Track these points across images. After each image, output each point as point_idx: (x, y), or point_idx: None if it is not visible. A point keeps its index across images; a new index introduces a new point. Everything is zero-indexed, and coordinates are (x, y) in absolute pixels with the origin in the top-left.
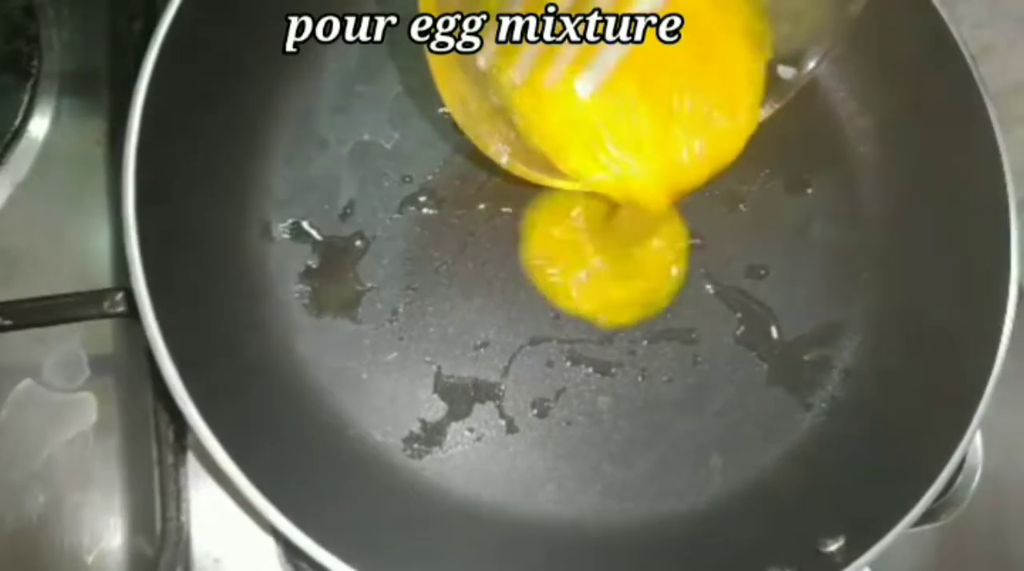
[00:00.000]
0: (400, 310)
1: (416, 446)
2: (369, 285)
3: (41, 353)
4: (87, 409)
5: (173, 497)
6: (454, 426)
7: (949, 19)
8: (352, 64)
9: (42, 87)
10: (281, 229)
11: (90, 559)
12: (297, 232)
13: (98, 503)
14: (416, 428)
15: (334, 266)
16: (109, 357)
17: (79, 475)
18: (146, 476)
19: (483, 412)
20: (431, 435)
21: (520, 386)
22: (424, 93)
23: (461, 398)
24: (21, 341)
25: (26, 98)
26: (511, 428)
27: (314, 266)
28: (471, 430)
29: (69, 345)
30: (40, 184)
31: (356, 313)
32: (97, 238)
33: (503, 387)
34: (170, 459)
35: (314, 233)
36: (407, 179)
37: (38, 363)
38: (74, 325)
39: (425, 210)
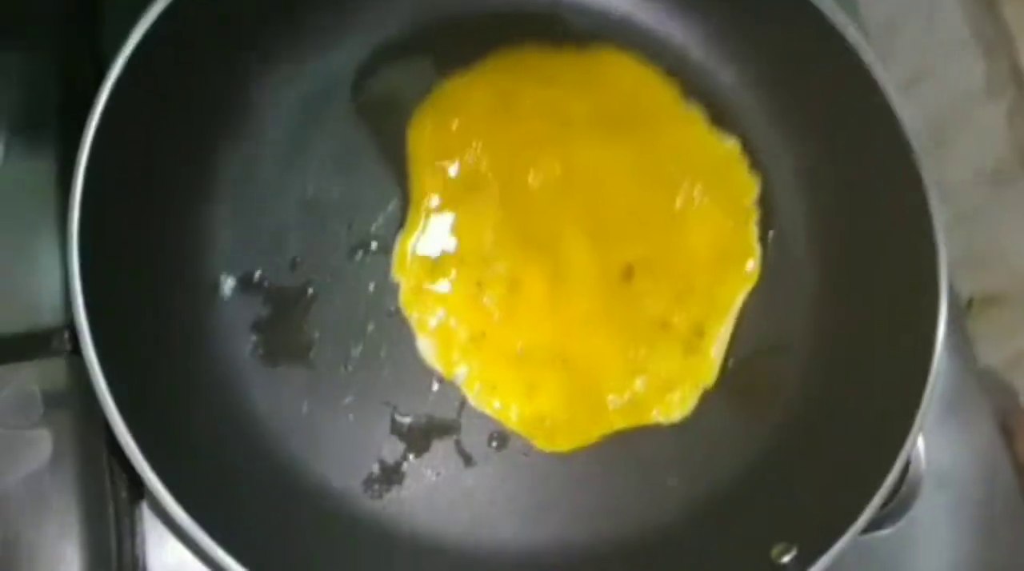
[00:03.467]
0: (353, 354)
1: (376, 487)
2: (321, 332)
3: None
4: (42, 446)
5: (128, 531)
6: (413, 464)
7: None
8: (296, 115)
9: None
10: (230, 282)
11: None
12: (246, 284)
13: (54, 539)
14: (375, 469)
15: (285, 315)
16: (63, 393)
17: (35, 512)
18: (102, 511)
19: (441, 448)
20: (390, 475)
21: (476, 420)
22: (369, 144)
23: (418, 436)
24: None
25: None
26: (469, 462)
27: (265, 316)
28: (430, 467)
29: (22, 382)
30: None
31: (310, 359)
32: (48, 276)
33: (460, 422)
34: (124, 493)
35: (264, 284)
36: (353, 227)
37: None
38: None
39: (373, 257)
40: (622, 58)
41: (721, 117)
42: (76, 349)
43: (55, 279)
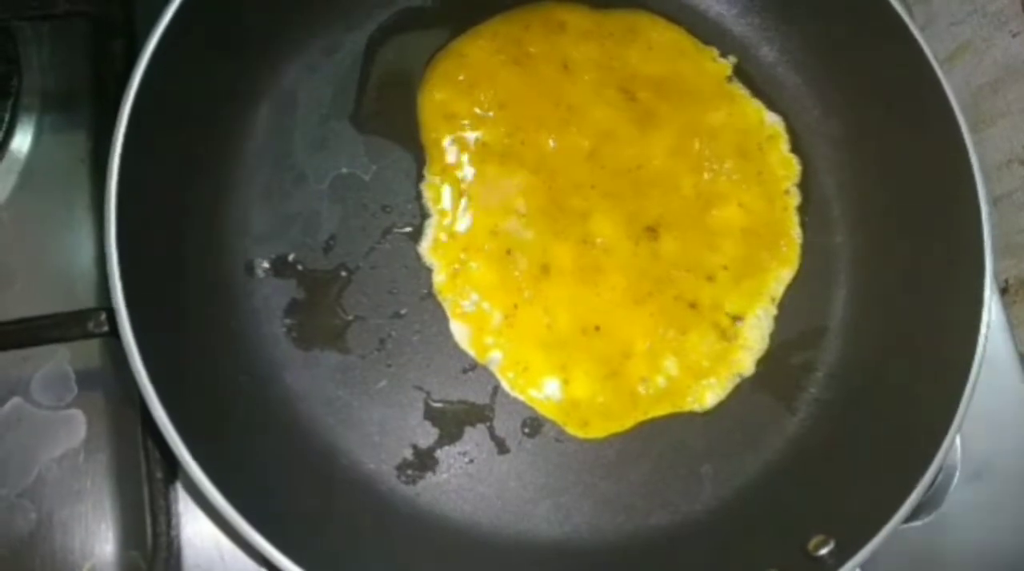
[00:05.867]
0: (387, 338)
1: (409, 472)
2: (355, 315)
3: (28, 371)
4: (76, 426)
5: (163, 511)
6: (446, 450)
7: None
8: (327, 98)
9: (23, 105)
10: (264, 265)
11: None
12: (281, 267)
13: (89, 519)
14: (408, 454)
15: (319, 298)
16: (97, 373)
17: (70, 492)
18: (136, 491)
19: (474, 435)
20: (424, 460)
21: (509, 406)
22: (398, 123)
23: (451, 422)
24: (7, 360)
25: (6, 117)
26: (502, 448)
27: (299, 299)
28: (463, 453)
29: (56, 363)
30: (24, 202)
31: (343, 343)
32: (82, 255)
33: (493, 408)
34: (159, 474)
35: (298, 267)
36: (387, 209)
37: (25, 381)
38: (60, 343)
39: (406, 239)
40: (658, 23)
41: (762, 93)
42: (112, 330)
43: (89, 259)
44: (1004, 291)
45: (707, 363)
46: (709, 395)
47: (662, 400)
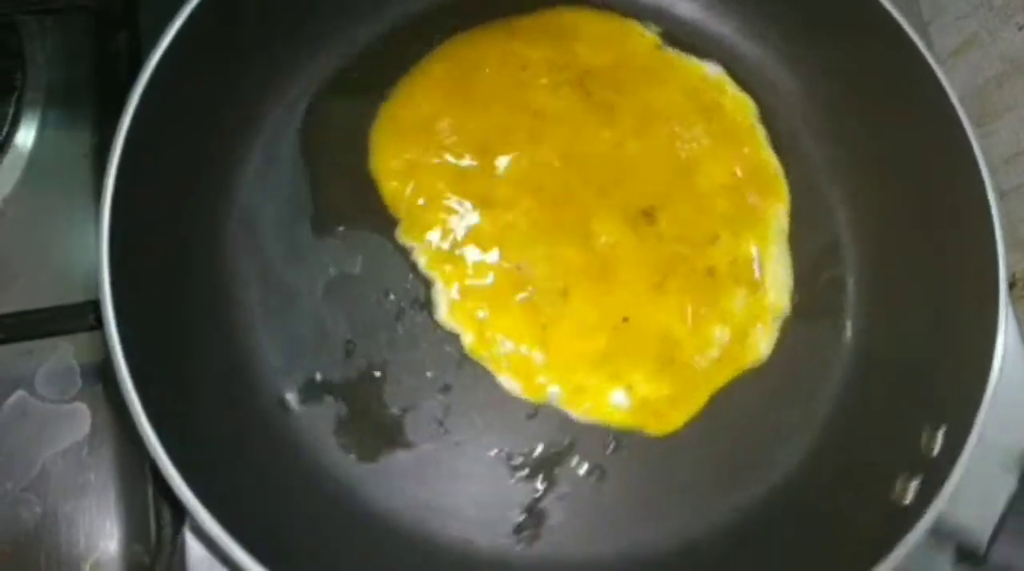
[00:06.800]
0: (444, 417)
1: (524, 533)
2: (402, 408)
3: (32, 365)
4: (80, 419)
5: (167, 505)
6: (548, 499)
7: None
8: (283, 206)
9: (27, 100)
10: (294, 396)
11: (87, 568)
12: (312, 391)
13: (93, 512)
14: (516, 517)
15: (362, 406)
16: (101, 367)
17: (74, 485)
18: (141, 484)
19: (567, 473)
20: (534, 517)
21: (587, 433)
22: (364, 205)
23: (540, 470)
24: (11, 354)
25: (10, 111)
26: (598, 476)
27: (343, 415)
28: (562, 496)
29: (60, 356)
30: (28, 197)
31: (405, 439)
32: (85, 248)
33: (573, 442)
34: None
35: (328, 385)
36: (388, 294)
37: (30, 375)
38: (64, 336)
39: (420, 314)
40: (581, 11)
41: (694, 49)
42: None
43: (92, 253)
44: (1012, 285)
45: (747, 317)
46: (762, 345)
47: (722, 367)
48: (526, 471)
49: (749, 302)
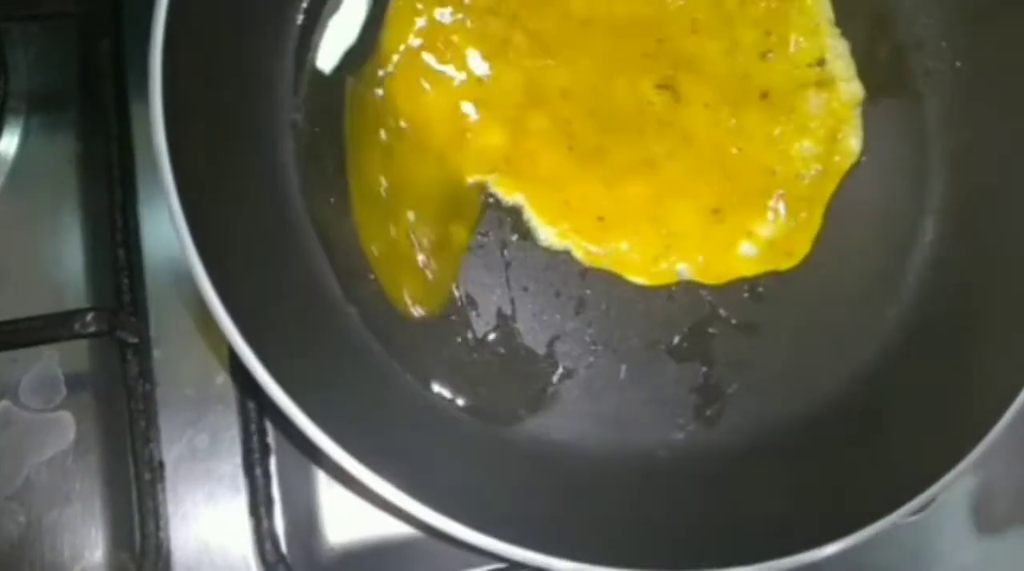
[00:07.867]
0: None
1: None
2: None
3: (17, 373)
4: (65, 428)
5: (152, 513)
6: (716, 373)
7: None
8: None
9: (9, 107)
10: None
11: None
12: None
13: (78, 521)
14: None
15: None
16: (86, 376)
17: (59, 494)
18: (125, 493)
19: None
20: (709, 395)
21: (725, 296)
22: None
23: (695, 348)
24: None
25: None
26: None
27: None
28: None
29: (45, 364)
30: (11, 205)
31: (566, 370)
32: (71, 257)
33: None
34: (147, 476)
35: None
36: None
37: (14, 384)
38: (48, 345)
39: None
40: None
41: None
42: (98, 332)
43: (78, 260)
44: None
45: (830, 117)
46: (852, 141)
47: (829, 177)
48: (684, 352)
49: (825, 101)
